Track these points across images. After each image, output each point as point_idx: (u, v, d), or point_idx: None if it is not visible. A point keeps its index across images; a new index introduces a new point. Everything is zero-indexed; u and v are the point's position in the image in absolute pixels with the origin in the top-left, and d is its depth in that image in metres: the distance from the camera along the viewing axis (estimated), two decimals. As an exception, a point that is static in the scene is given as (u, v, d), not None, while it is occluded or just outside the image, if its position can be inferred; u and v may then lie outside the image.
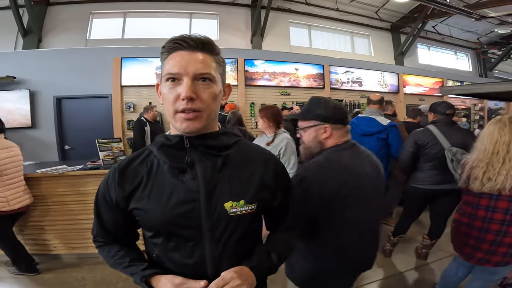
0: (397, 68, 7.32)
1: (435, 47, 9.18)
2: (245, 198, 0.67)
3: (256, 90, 5.72)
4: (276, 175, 0.75)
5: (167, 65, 0.63)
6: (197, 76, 0.62)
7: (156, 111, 4.17)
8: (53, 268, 2.47)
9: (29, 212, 2.48)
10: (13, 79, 4.67)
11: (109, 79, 4.97)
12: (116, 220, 0.73)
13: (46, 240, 2.59)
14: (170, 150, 0.67)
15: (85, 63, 4.91)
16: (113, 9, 6.22)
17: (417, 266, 2.49)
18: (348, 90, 6.49)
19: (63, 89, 4.85)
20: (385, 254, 2.58)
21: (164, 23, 6.33)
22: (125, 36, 6.22)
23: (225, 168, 0.68)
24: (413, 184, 2.29)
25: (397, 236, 2.51)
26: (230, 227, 0.67)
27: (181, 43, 0.62)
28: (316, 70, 6.19)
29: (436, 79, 7.78)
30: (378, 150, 2.65)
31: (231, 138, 0.72)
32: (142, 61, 5.11)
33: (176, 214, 0.65)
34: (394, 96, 6.81)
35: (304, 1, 7.12)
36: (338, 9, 7.38)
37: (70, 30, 5.86)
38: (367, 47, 8.11)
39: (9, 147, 2.25)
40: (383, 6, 7.55)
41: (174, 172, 0.67)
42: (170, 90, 0.62)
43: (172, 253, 0.68)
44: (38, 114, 4.83)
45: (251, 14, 6.84)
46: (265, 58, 5.82)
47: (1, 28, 5.59)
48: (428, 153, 2.16)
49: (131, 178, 0.68)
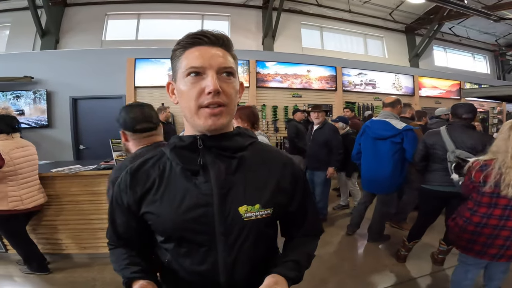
0: (412, 70, 7.15)
1: (452, 49, 8.95)
2: (261, 202, 0.64)
3: (268, 92, 5.67)
4: (294, 178, 0.71)
5: (187, 60, 0.60)
6: (221, 70, 0.60)
7: (169, 112, 4.18)
8: (64, 267, 2.46)
9: (43, 211, 2.49)
10: (31, 79, 4.79)
11: (123, 80, 5.03)
12: (129, 224, 0.70)
13: (58, 239, 2.59)
14: (182, 152, 0.65)
15: (100, 64, 5.00)
16: (128, 10, 6.34)
17: (433, 272, 2.41)
18: (361, 93, 6.37)
19: (79, 90, 4.94)
20: (399, 259, 2.52)
21: (176, 25, 6.39)
22: (138, 37, 6.32)
23: (239, 170, 0.65)
24: (424, 185, 2.30)
25: (412, 241, 2.44)
26: (245, 232, 0.64)
27: (202, 38, 0.60)
28: (329, 72, 6.10)
29: (453, 81, 7.56)
30: (392, 155, 2.62)
31: (246, 139, 0.69)
32: (155, 62, 5.16)
33: (188, 219, 0.62)
34: (409, 98, 6.64)
35: (316, 3, 7.06)
36: (350, 10, 7.28)
37: (86, 31, 5.99)
38: (381, 49, 7.96)
39: (24, 146, 2.26)
40: (397, 7, 7.41)
41: (187, 174, 0.64)
42: (193, 85, 0.59)
43: (183, 259, 0.65)
44: (55, 114, 4.94)
45: (263, 16, 6.82)
46: (276, 60, 5.77)
47: (21, 28, 5.76)
48: (435, 154, 2.18)
49: (143, 181, 0.66)
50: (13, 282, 2.27)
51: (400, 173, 2.67)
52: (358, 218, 3.08)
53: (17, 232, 2.26)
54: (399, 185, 2.74)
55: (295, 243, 0.77)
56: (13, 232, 2.25)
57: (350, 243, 3.02)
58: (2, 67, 4.77)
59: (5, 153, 2.08)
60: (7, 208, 2.09)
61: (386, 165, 2.64)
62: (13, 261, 2.45)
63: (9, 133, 2.17)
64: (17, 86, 4.80)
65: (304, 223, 0.77)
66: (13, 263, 2.44)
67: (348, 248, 2.92)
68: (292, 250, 0.75)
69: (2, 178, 2.08)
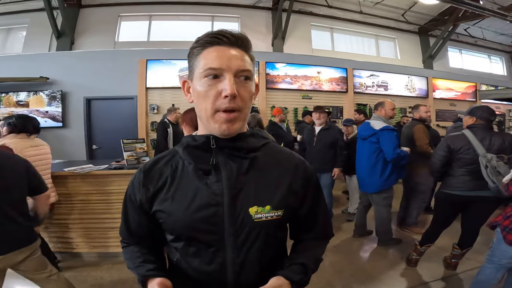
0: (426, 72, 7.00)
1: (467, 50, 8.73)
2: (271, 203, 0.63)
3: (277, 93, 5.63)
4: (306, 181, 0.70)
5: (205, 60, 0.59)
6: (238, 73, 0.59)
7: (179, 113, 4.16)
8: (74, 266, 2.47)
9: (55, 210, 2.50)
10: (47, 80, 4.91)
11: (135, 80, 5.10)
12: (141, 221, 0.70)
13: (69, 238, 2.61)
14: (195, 151, 0.65)
15: (113, 65, 5.09)
16: (140, 11, 6.44)
17: (445, 276, 2.34)
18: (373, 94, 6.26)
19: (93, 90, 5.03)
20: (410, 264, 2.47)
21: (186, 26, 6.46)
22: (150, 39, 6.40)
23: (251, 171, 0.65)
24: (445, 190, 2.21)
25: (425, 246, 2.40)
26: (254, 233, 0.63)
27: (221, 38, 0.59)
28: (339, 74, 6.02)
29: (469, 83, 7.36)
30: (370, 154, 2.73)
31: (259, 140, 0.69)
32: (166, 63, 5.20)
33: (198, 218, 0.62)
34: (423, 100, 6.48)
35: (326, 4, 6.99)
36: (361, 11, 7.18)
37: (100, 32, 6.11)
38: (393, 50, 7.82)
39: (38, 145, 2.29)
40: (410, 8, 7.27)
41: (199, 174, 0.64)
42: (210, 87, 0.58)
43: (192, 259, 0.65)
44: (69, 114, 5.05)
45: (272, 17, 6.82)
46: (286, 61, 5.74)
47: (37, 29, 5.93)
48: (461, 158, 2.10)
49: (155, 179, 0.66)
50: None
51: (381, 173, 2.68)
52: (359, 220, 3.10)
53: (29, 230, 2.27)
54: (380, 185, 2.72)
55: (303, 246, 0.75)
56: (25, 230, 2.26)
57: (359, 246, 2.97)
58: (19, 67, 4.91)
59: (18, 151, 2.10)
60: (20, 206, 2.10)
61: (364, 164, 2.80)
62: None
63: (31, 133, 2.23)
64: (33, 86, 4.93)
65: (315, 227, 0.75)
66: (24, 261, 2.46)
67: (356, 252, 2.87)
68: (299, 253, 0.74)
69: (15, 176, 2.10)
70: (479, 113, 2.11)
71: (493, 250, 1.71)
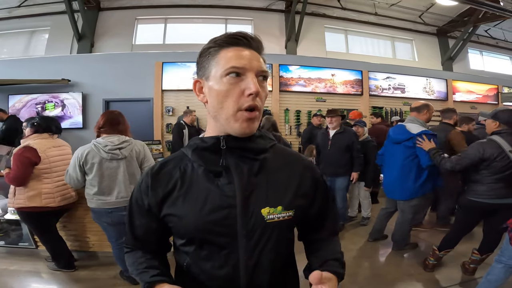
0: (446, 74, 6.78)
1: (488, 52, 8.44)
2: (283, 204, 0.63)
3: (291, 96, 5.58)
4: (315, 183, 0.71)
5: (225, 59, 0.59)
6: (259, 73, 0.60)
7: (194, 115, 4.21)
8: (89, 265, 2.51)
9: (73, 209, 2.55)
10: (68, 82, 5.08)
11: (151, 83, 5.18)
12: (148, 226, 0.70)
13: (86, 237, 2.65)
14: (205, 153, 0.64)
15: (131, 67, 5.19)
16: (156, 15, 6.59)
17: (463, 281, 2.28)
18: (389, 97, 6.11)
19: (111, 92, 5.15)
20: (426, 268, 2.40)
21: (200, 29, 6.55)
22: (166, 42, 6.52)
23: (262, 172, 0.65)
24: (472, 197, 2.12)
25: (444, 251, 2.33)
26: (266, 235, 0.63)
27: (240, 39, 0.60)
28: (354, 76, 5.91)
29: (490, 85, 7.07)
30: (404, 159, 2.53)
31: (267, 141, 0.69)
32: (181, 65, 5.27)
33: (211, 221, 0.61)
34: (442, 103, 6.25)
35: (340, 6, 6.92)
36: (377, 13, 7.06)
37: (118, 35, 6.29)
38: (410, 52, 7.64)
39: (60, 145, 2.35)
40: (427, 10, 7.09)
41: (209, 176, 0.64)
42: (232, 85, 0.58)
43: (204, 263, 0.64)
44: (89, 116, 5.18)
45: (285, 20, 6.81)
46: (300, 64, 5.68)
47: (59, 32, 6.16)
48: (495, 166, 2.00)
49: (164, 182, 0.66)
50: (40, 278, 2.34)
51: (415, 180, 2.49)
52: (379, 224, 2.98)
53: (48, 229, 2.32)
54: (412, 192, 2.53)
55: (323, 245, 0.75)
56: (44, 229, 2.31)
57: (372, 250, 2.90)
58: (42, 69, 5.09)
59: (42, 151, 2.16)
60: (40, 204, 2.15)
61: (397, 170, 2.58)
62: (42, 258, 2.53)
63: (54, 133, 2.29)
64: (55, 88, 5.10)
65: (325, 225, 0.76)
66: (41, 260, 2.52)
67: (369, 256, 2.80)
68: (324, 250, 0.74)
69: (37, 175, 2.16)
70: (505, 118, 2.03)
71: (502, 251, 1.77)
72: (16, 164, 2.07)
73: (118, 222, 1.97)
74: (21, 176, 2.09)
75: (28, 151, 2.10)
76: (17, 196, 2.15)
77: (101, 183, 1.94)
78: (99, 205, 1.98)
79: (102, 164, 1.93)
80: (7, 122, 4.30)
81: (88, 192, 2.00)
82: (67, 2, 5.36)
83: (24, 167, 2.08)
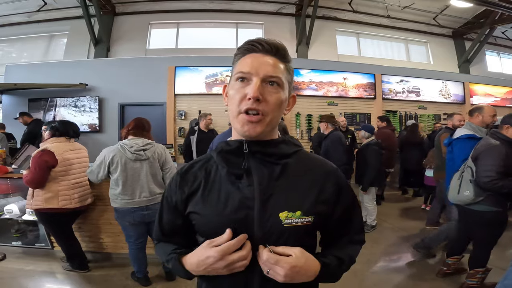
0: (462, 77, 6.58)
1: (506, 54, 8.15)
2: (302, 209, 0.63)
3: (302, 100, 5.53)
4: (338, 188, 0.70)
5: (239, 65, 0.63)
6: (266, 79, 0.61)
7: (210, 119, 4.07)
8: (102, 266, 2.54)
9: (89, 211, 2.59)
10: (85, 86, 5.21)
11: (164, 87, 5.25)
12: (175, 222, 0.73)
13: (100, 238, 2.68)
14: (228, 156, 0.66)
15: (145, 72, 5.28)
16: (168, 19, 6.71)
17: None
18: (403, 101, 5.96)
19: (126, 96, 5.26)
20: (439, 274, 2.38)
21: (212, 33, 6.61)
22: (178, 46, 6.62)
23: (282, 177, 0.65)
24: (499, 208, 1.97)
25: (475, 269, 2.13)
26: (283, 238, 0.62)
27: (256, 45, 0.63)
28: (367, 80, 5.81)
29: (509, 88, 6.81)
30: (447, 163, 2.56)
31: (290, 147, 0.70)
32: (193, 70, 5.32)
33: (230, 221, 0.63)
34: (459, 107, 6.06)
35: (352, 9, 6.85)
36: (389, 16, 6.95)
37: (133, 39, 6.44)
38: (425, 54, 7.47)
39: (77, 148, 2.40)
40: (441, 12, 6.92)
41: (231, 178, 0.66)
42: (238, 90, 0.62)
43: None
44: (105, 120, 5.30)
45: (296, 23, 6.80)
46: (311, 67, 5.65)
47: (77, 37, 6.35)
48: None
49: (190, 182, 0.69)
50: (54, 278, 2.38)
51: None
52: None
53: (64, 230, 2.37)
54: None
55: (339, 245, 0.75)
56: (60, 230, 2.36)
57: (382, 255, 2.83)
58: (60, 74, 5.25)
59: (59, 154, 2.21)
60: (57, 206, 2.20)
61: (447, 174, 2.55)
62: (57, 258, 2.58)
63: (71, 137, 2.35)
64: (73, 92, 5.25)
65: (347, 233, 0.75)
66: (56, 260, 2.57)
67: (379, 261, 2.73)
68: (336, 249, 0.73)
69: (54, 178, 2.20)
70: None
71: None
72: (34, 166, 2.13)
73: (139, 221, 2.10)
74: (38, 179, 2.14)
75: (46, 154, 2.15)
76: (35, 198, 2.20)
77: (125, 182, 2.05)
78: (123, 204, 2.08)
79: (126, 165, 2.05)
80: (30, 126, 4.48)
81: (112, 193, 2.09)
82: (84, 7, 5.53)
83: (41, 170, 2.13)
